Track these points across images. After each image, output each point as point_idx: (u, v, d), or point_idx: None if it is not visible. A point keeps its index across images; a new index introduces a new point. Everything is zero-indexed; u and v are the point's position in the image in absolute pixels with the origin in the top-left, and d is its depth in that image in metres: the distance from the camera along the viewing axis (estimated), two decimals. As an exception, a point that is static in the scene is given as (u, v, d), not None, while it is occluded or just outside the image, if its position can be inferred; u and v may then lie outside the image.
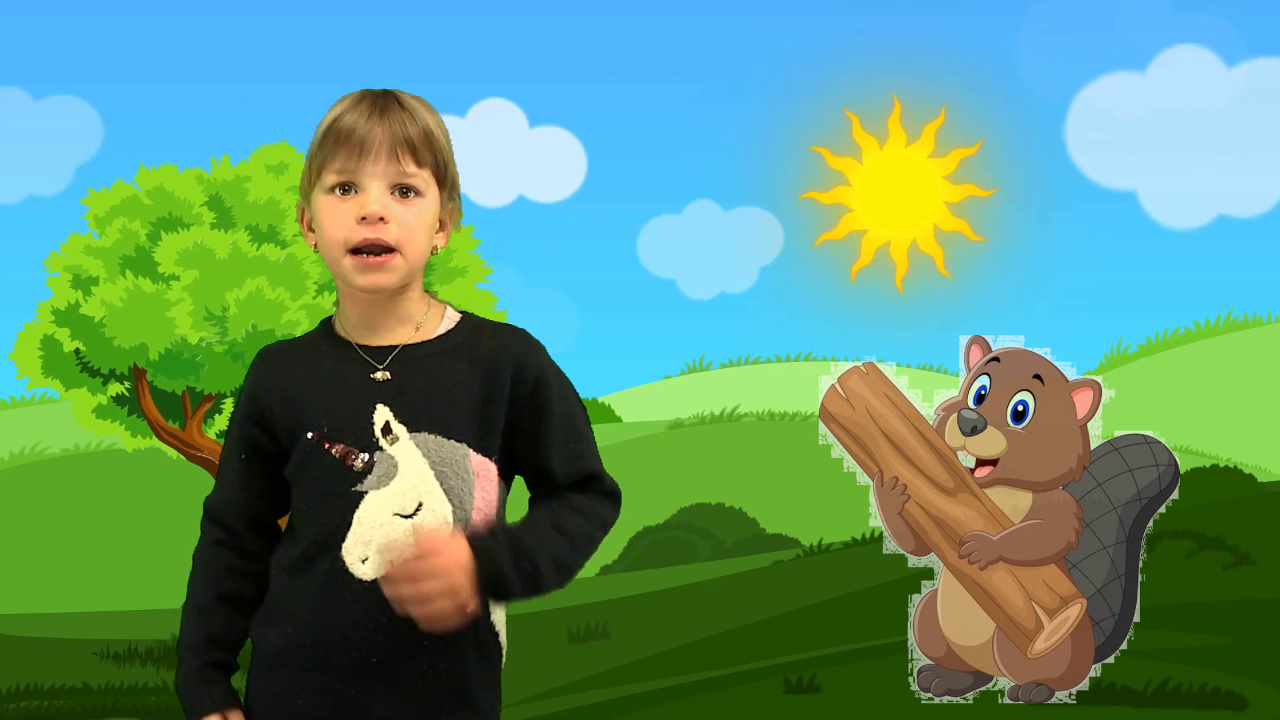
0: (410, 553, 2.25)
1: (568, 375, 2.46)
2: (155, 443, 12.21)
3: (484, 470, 2.38)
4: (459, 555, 2.26)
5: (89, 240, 11.96)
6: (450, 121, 2.46)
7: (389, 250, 2.34)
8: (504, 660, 2.45)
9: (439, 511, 2.35)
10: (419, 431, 2.35)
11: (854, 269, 12.10)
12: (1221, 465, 11.51)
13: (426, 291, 2.44)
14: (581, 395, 2.50)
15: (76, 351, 12.06)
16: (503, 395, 2.39)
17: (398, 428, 2.35)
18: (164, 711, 8.62)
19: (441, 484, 2.35)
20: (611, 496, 2.43)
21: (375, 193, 2.33)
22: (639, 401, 22.97)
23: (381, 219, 2.33)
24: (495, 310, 12.33)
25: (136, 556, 18.19)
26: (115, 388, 12.34)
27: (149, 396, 12.14)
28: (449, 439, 2.36)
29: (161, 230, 11.82)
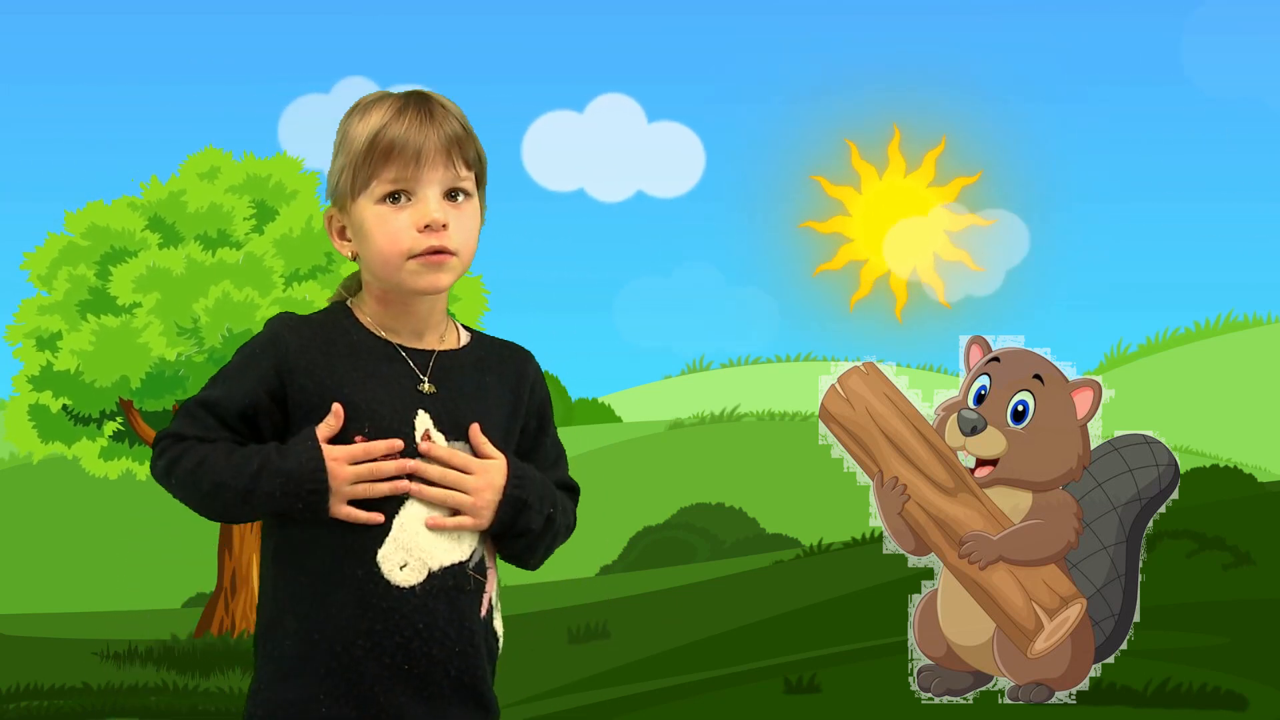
0: (456, 461, 2.35)
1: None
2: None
3: None
4: (494, 477, 2.37)
5: (40, 300, 11.95)
6: (568, 116, 2.49)
7: (450, 254, 2.36)
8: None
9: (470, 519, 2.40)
10: (455, 440, 2.38)
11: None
12: (1221, 465, 11.51)
13: None
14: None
15: (64, 408, 12.06)
16: (521, 410, 2.47)
17: (436, 435, 2.37)
18: (164, 711, 8.62)
19: None
20: (574, 494, 2.57)
21: (433, 200, 2.35)
22: (639, 401, 23.00)
23: (444, 225, 2.35)
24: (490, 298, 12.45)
25: (137, 557, 18.19)
26: (111, 426, 12.35)
27: (143, 423, 12.15)
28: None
29: (109, 265, 11.78)
